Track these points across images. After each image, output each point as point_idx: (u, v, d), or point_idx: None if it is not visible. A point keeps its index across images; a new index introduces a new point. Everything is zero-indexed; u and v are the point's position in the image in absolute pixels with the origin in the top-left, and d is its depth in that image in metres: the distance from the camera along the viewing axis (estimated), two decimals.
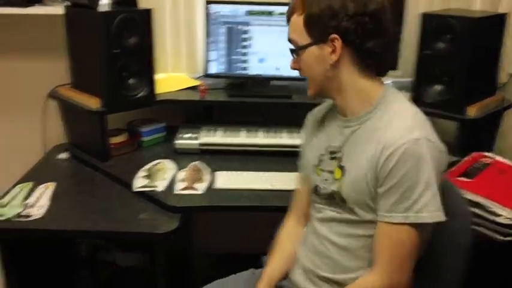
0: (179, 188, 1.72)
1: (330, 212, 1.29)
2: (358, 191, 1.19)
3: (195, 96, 2.09)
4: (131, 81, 1.88)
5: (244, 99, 2.06)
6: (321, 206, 1.32)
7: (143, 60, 1.88)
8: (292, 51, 1.25)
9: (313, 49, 1.20)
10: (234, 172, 1.82)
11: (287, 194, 1.51)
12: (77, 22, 1.90)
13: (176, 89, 2.14)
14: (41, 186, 1.74)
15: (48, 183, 1.76)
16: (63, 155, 2.01)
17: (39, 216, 1.55)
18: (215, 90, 2.14)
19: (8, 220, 1.53)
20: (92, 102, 1.84)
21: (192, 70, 2.28)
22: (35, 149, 2.21)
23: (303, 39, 1.20)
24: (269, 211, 1.61)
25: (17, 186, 1.74)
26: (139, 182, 1.74)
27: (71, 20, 1.91)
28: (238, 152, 1.99)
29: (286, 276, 1.41)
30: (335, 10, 1.14)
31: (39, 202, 1.63)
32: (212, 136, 2.03)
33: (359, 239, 1.22)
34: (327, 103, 1.37)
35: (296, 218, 1.46)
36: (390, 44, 1.24)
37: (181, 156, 1.98)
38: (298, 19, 1.21)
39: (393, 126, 1.15)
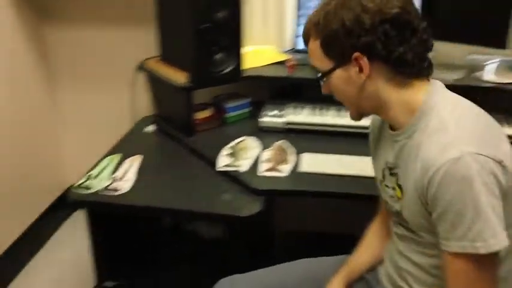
0: (263, 169, 1.68)
1: (401, 229, 1.20)
2: (416, 214, 1.08)
3: (282, 72, 2.02)
4: (219, 56, 1.84)
5: None
6: (394, 221, 1.24)
7: (232, 35, 1.83)
8: (318, 78, 1.14)
9: (339, 73, 1.09)
10: (320, 154, 1.74)
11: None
12: None
13: (263, 64, 2.08)
14: (128, 159, 1.77)
15: (135, 156, 1.78)
16: (150, 128, 2.02)
17: (126, 190, 1.57)
18: (304, 66, 2.05)
19: (95, 193, 1.56)
20: (179, 77, 1.82)
21: (281, 44, 2.20)
22: (125, 120, 2.25)
23: (325, 64, 1.10)
24: (357, 199, 1.53)
25: (106, 158, 1.78)
26: (223, 161, 1.72)
27: None
28: (326, 132, 1.91)
29: (371, 269, 1.35)
30: (349, 27, 1.03)
31: (126, 176, 1.66)
32: (298, 114, 1.96)
33: (432, 258, 1.11)
34: None
35: (383, 218, 1.38)
36: (424, 40, 1.07)
37: (266, 134, 1.93)
38: (314, 45, 1.11)
39: (433, 142, 1.00)
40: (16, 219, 2.32)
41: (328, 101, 2.00)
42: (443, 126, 1.00)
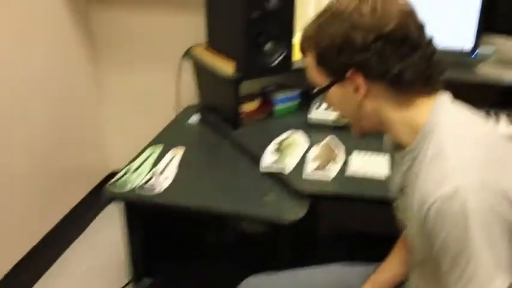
0: (310, 168, 1.58)
1: (412, 257, 1.11)
2: (419, 243, 0.98)
3: None
4: (268, 46, 1.74)
5: None
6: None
7: (283, 24, 1.73)
8: (314, 94, 1.05)
9: (335, 90, 1.00)
10: (370, 154, 1.63)
11: None
12: None
13: None
14: (170, 151, 1.71)
15: (178, 148, 1.72)
16: (194, 118, 1.96)
17: (164, 187, 1.51)
18: None
19: (132, 191, 1.51)
20: (227, 67, 1.74)
21: None
22: (169, 105, 2.21)
23: (321, 79, 1.01)
24: None
25: (148, 149, 1.72)
26: (268, 159, 1.63)
27: None
28: None
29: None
30: (339, 45, 0.94)
31: (167, 170, 1.60)
32: None
33: None
34: None
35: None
36: (428, 55, 0.96)
37: (314, 129, 1.84)
38: (309, 58, 1.02)
39: (429, 172, 0.90)
40: (57, 203, 2.31)
41: None
42: (441, 152, 0.90)
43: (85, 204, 2.49)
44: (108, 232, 2.44)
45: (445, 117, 0.95)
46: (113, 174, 2.66)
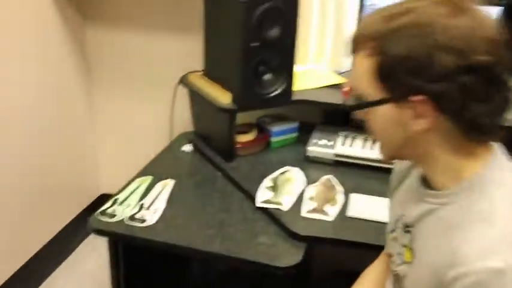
0: (307, 209, 1.49)
1: None
2: None
3: (336, 98, 1.82)
4: (267, 76, 1.66)
5: None
6: (392, 281, 1.03)
7: (283, 54, 1.65)
8: (354, 106, 0.89)
9: (388, 109, 0.83)
10: (371, 197, 1.54)
11: None
12: (216, 7, 1.70)
13: (315, 87, 1.89)
14: (159, 183, 1.61)
15: (167, 180, 1.63)
16: (186, 147, 1.87)
17: (152, 222, 1.42)
18: None
19: (119, 222, 1.42)
20: (223, 97, 1.66)
21: (336, 64, 2.01)
22: (162, 132, 2.12)
23: (372, 91, 0.83)
24: None
25: (136, 180, 1.63)
26: (263, 195, 1.54)
27: (211, 4, 1.73)
28: (379, 169, 1.71)
29: None
30: (418, 65, 0.77)
31: (155, 204, 1.50)
32: (349, 146, 1.76)
33: None
34: None
35: (385, 264, 1.17)
36: (507, 99, 0.81)
37: (312, 165, 1.75)
38: (365, 62, 0.83)
39: (474, 235, 0.78)
40: (47, 224, 2.23)
41: None
42: (491, 217, 0.78)
43: (73, 226, 2.40)
44: (95, 257, 2.34)
45: (501, 175, 0.83)
46: (103, 197, 2.60)
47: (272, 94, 1.67)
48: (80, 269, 2.30)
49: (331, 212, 1.48)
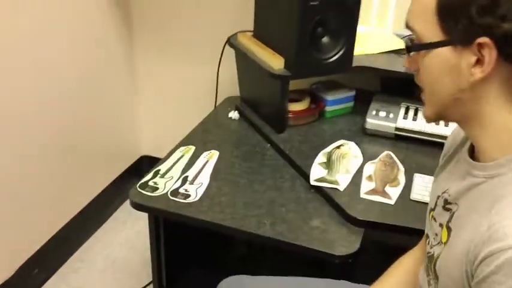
0: (365, 190, 1.35)
1: (428, 281, 0.88)
2: (453, 277, 0.76)
3: (399, 65, 1.64)
4: (325, 39, 1.49)
5: None
6: (425, 267, 0.91)
7: (345, 14, 1.47)
8: (410, 47, 0.78)
9: (445, 52, 0.73)
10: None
11: None
12: None
13: (377, 52, 1.71)
14: (203, 154, 1.49)
15: (211, 152, 1.51)
16: (233, 114, 1.73)
17: (196, 198, 1.31)
18: None
19: (162, 196, 1.31)
20: (274, 62, 1.50)
21: (400, 27, 1.81)
22: (207, 96, 2.00)
23: (431, 31, 0.73)
24: None
25: (178, 149, 1.51)
26: (316, 172, 1.40)
27: None
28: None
29: None
30: (485, 2, 0.67)
31: (199, 177, 1.39)
32: (412, 120, 1.59)
33: None
34: None
35: (422, 253, 1.04)
36: None
37: (369, 139, 1.60)
38: None
39: None
40: (85, 186, 2.17)
41: None
42: None
43: (114, 188, 2.34)
44: (134, 222, 2.28)
45: None
46: (143, 159, 2.52)
47: (330, 60, 1.50)
48: (119, 233, 2.24)
49: (393, 194, 1.33)
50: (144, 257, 2.10)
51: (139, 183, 1.36)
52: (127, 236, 2.23)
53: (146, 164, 2.51)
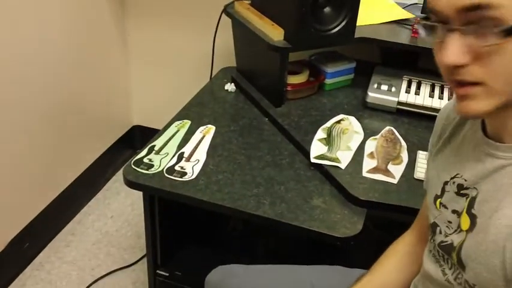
0: (367, 168, 1.31)
1: (442, 270, 0.84)
2: (488, 265, 0.72)
3: (403, 36, 1.58)
4: (327, 10, 1.42)
5: None
6: (434, 256, 0.87)
7: None
8: (479, 28, 0.62)
9: None
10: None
11: None
12: None
13: (379, 22, 1.64)
14: (199, 129, 1.44)
15: (208, 127, 1.45)
16: (229, 86, 1.67)
17: (193, 176, 1.26)
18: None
19: (157, 174, 1.26)
20: (273, 33, 1.43)
21: None
22: (201, 67, 1.92)
23: None
24: None
25: (173, 125, 1.46)
26: (316, 149, 1.36)
27: None
28: None
29: None
30: None
31: (195, 154, 1.34)
32: (415, 94, 1.54)
33: None
34: None
35: (417, 236, 1.04)
36: None
37: (370, 113, 1.55)
38: None
39: None
40: (77, 156, 2.12)
41: None
42: None
43: (106, 158, 2.29)
44: (127, 192, 2.24)
45: None
46: (135, 128, 2.46)
47: (332, 31, 1.43)
48: (111, 205, 2.20)
49: (396, 173, 1.29)
50: (137, 230, 2.07)
51: (134, 159, 1.31)
52: (120, 207, 2.19)
53: (138, 134, 2.46)
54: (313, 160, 1.32)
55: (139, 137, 2.45)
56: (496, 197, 0.72)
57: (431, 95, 1.54)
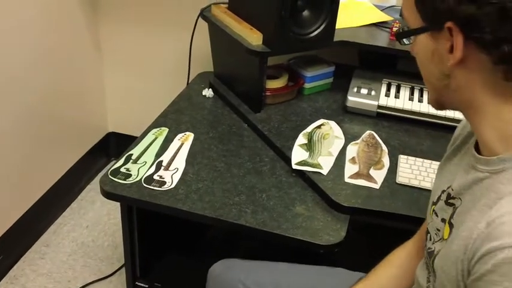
0: (349, 173, 1.29)
1: (427, 278, 0.86)
2: (449, 275, 0.74)
3: (382, 39, 1.58)
4: (306, 13, 1.40)
5: None
6: (425, 263, 0.88)
7: None
8: (399, 35, 0.79)
9: (425, 38, 0.75)
10: (425, 160, 1.33)
11: None
12: None
13: (357, 25, 1.63)
14: (177, 137, 1.40)
15: (186, 134, 1.42)
16: (207, 92, 1.64)
17: (172, 186, 1.22)
18: None
19: (135, 184, 1.22)
20: (252, 37, 1.41)
21: None
22: (178, 72, 1.89)
23: (414, 19, 0.75)
24: None
25: (150, 132, 1.42)
26: (297, 155, 1.33)
27: None
28: (430, 124, 1.49)
29: None
30: None
31: (174, 162, 1.30)
32: (395, 98, 1.53)
33: None
34: None
35: (416, 247, 1.03)
36: None
37: (350, 118, 1.54)
38: None
39: None
40: (51, 165, 2.05)
41: None
42: None
43: (80, 166, 2.23)
44: (102, 200, 2.18)
45: None
46: (110, 135, 2.41)
47: (311, 34, 1.41)
48: (87, 214, 2.15)
49: (378, 178, 1.28)
50: (114, 239, 2.02)
51: (111, 169, 1.27)
52: (96, 217, 2.13)
53: (113, 141, 2.40)
54: (294, 166, 1.30)
55: (115, 144, 2.39)
56: (468, 209, 0.73)
57: (410, 98, 1.53)
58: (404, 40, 0.79)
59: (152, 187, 1.22)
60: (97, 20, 2.09)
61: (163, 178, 1.24)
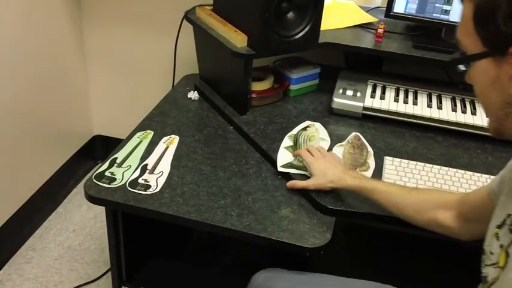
0: None
1: None
2: None
3: (367, 40, 1.58)
4: (291, 15, 1.40)
5: (436, 56, 1.51)
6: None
7: None
8: (455, 60, 0.77)
9: (485, 64, 0.71)
10: (410, 162, 1.33)
11: None
12: None
13: (342, 26, 1.64)
14: (162, 140, 1.40)
15: (171, 137, 1.41)
16: (192, 94, 1.63)
17: (157, 189, 1.22)
18: (394, 34, 1.61)
19: (120, 188, 1.21)
20: (236, 39, 1.40)
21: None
22: (162, 74, 1.88)
23: (472, 43, 0.72)
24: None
25: (135, 136, 1.41)
26: (283, 157, 1.33)
27: None
28: (416, 126, 1.50)
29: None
30: (508, 8, 0.65)
31: (159, 166, 1.29)
32: (381, 99, 1.54)
33: None
34: None
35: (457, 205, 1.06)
36: None
37: (336, 119, 1.54)
38: (467, 9, 0.72)
39: None
40: (36, 169, 2.03)
41: (419, 81, 1.61)
42: None
43: (66, 170, 2.20)
44: (88, 204, 2.17)
45: None
46: (96, 138, 2.39)
47: (296, 36, 1.41)
48: (73, 218, 2.13)
49: None
50: (100, 243, 2.00)
51: (95, 173, 1.25)
52: (82, 220, 2.12)
53: (99, 143, 2.39)
54: (280, 169, 1.30)
55: (101, 147, 2.38)
56: None
57: (396, 100, 1.54)
58: (461, 66, 0.76)
59: (137, 191, 1.21)
60: (81, 21, 2.07)
61: (148, 182, 1.24)
